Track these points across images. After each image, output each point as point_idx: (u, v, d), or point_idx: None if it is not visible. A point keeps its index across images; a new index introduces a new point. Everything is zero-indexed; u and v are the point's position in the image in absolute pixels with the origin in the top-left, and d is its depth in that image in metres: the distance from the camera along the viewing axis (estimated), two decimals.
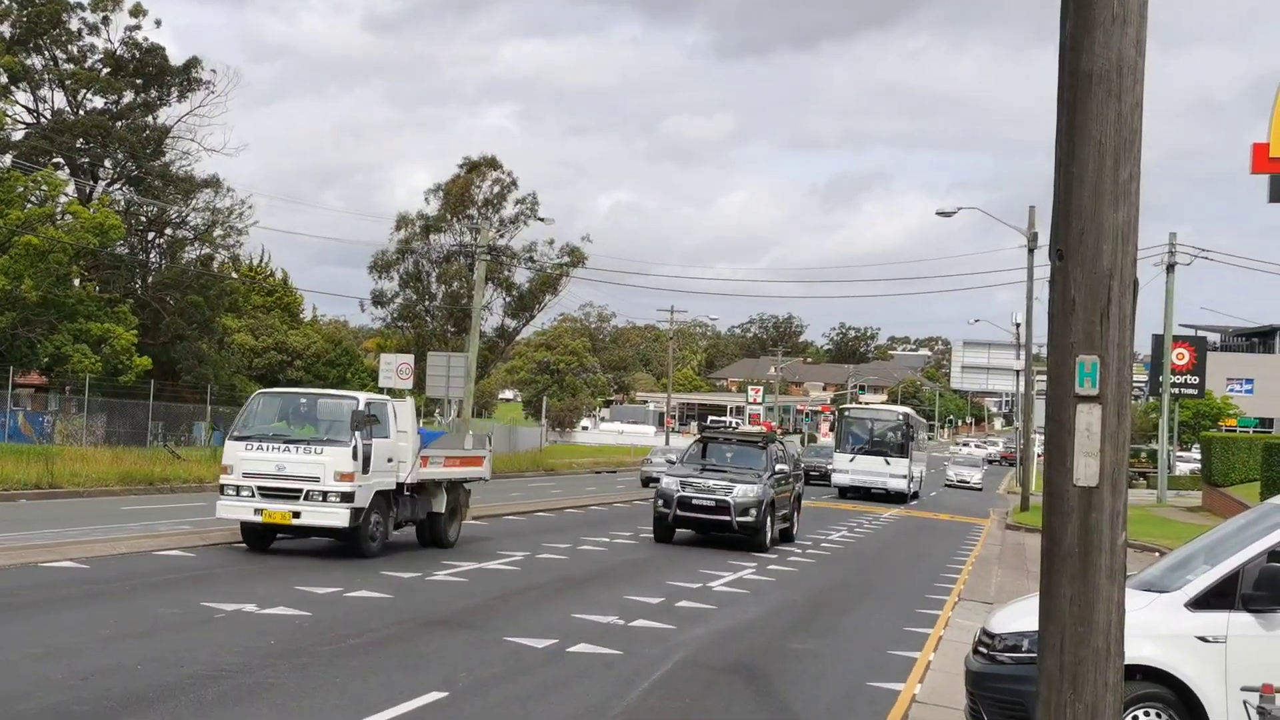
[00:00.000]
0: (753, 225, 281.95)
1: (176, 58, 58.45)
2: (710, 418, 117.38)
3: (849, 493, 48.44)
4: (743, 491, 25.01)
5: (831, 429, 64.91)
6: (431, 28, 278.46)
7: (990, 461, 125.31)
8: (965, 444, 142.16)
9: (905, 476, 47.76)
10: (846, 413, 55.15)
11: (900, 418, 50.75)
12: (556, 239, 75.61)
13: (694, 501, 25.16)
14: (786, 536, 27.46)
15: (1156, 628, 8.80)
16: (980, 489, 64.49)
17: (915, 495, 51.14)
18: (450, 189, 73.23)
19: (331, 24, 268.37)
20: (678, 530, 25.99)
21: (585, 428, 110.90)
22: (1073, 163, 5.93)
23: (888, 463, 47.74)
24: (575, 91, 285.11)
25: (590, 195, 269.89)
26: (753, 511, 24.92)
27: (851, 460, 48.62)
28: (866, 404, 60.33)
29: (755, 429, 46.44)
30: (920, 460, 54.48)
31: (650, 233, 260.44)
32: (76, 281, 51.60)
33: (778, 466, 26.47)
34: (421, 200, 78.39)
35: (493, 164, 74.28)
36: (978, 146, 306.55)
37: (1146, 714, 8.82)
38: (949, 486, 64.55)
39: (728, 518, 24.91)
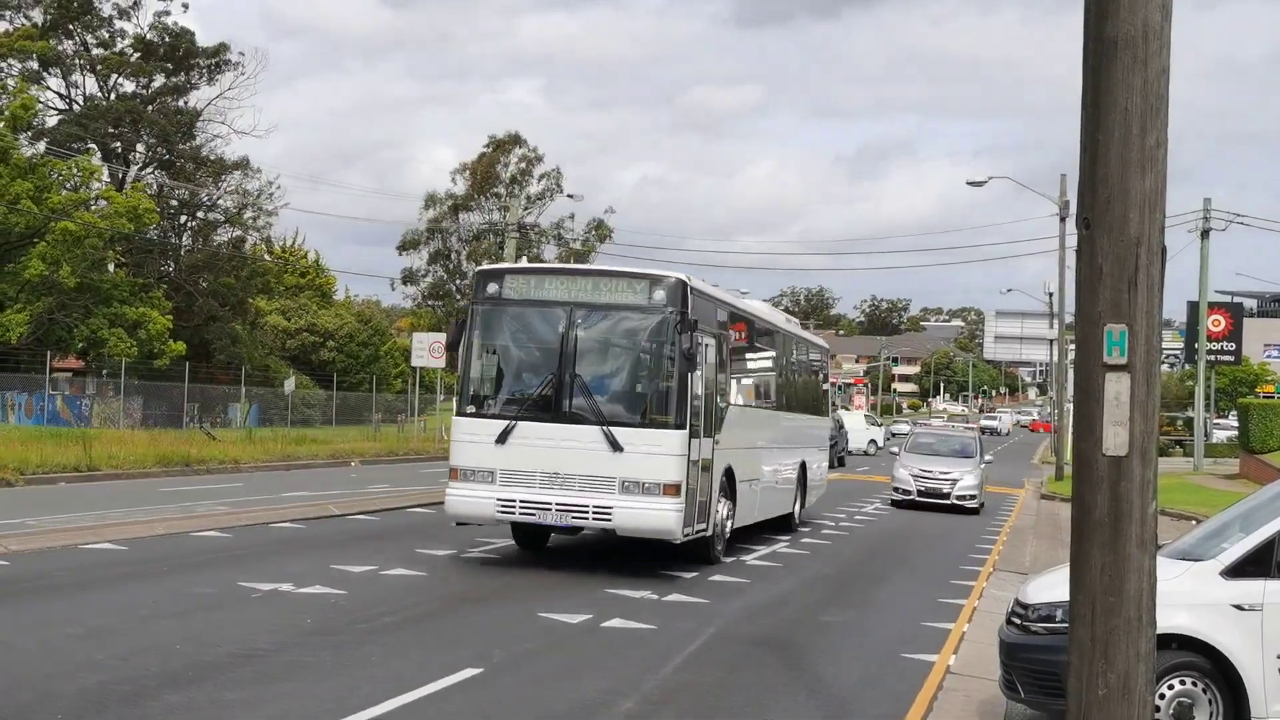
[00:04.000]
0: (779, 196, 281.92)
1: (201, 40, 58.84)
2: None
3: (523, 534, 18.33)
4: None
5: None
6: (451, 2, 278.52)
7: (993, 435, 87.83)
8: (996, 411, 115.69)
9: (675, 483, 15.99)
10: (495, 286, 17.07)
11: (660, 299, 16.51)
12: (581, 213, 75.73)
13: None
14: None
15: (1191, 596, 8.76)
16: (977, 508, 31.28)
17: (793, 525, 23.67)
18: (476, 167, 73.36)
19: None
20: None
21: None
22: (1098, 130, 5.87)
23: (619, 447, 15.96)
24: (597, 64, 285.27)
25: (615, 169, 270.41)
26: None
27: (501, 439, 16.30)
28: (561, 264, 27.88)
29: None
30: (791, 440, 23.95)
31: (676, 205, 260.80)
32: (111, 266, 52.04)
33: None
34: (447, 178, 78.59)
35: (517, 140, 74.46)
36: (1006, 112, 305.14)
37: (1183, 682, 8.79)
38: (900, 504, 31.24)
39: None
